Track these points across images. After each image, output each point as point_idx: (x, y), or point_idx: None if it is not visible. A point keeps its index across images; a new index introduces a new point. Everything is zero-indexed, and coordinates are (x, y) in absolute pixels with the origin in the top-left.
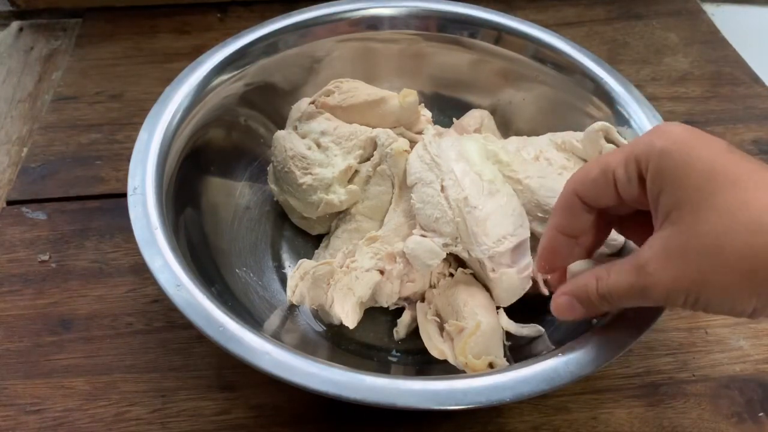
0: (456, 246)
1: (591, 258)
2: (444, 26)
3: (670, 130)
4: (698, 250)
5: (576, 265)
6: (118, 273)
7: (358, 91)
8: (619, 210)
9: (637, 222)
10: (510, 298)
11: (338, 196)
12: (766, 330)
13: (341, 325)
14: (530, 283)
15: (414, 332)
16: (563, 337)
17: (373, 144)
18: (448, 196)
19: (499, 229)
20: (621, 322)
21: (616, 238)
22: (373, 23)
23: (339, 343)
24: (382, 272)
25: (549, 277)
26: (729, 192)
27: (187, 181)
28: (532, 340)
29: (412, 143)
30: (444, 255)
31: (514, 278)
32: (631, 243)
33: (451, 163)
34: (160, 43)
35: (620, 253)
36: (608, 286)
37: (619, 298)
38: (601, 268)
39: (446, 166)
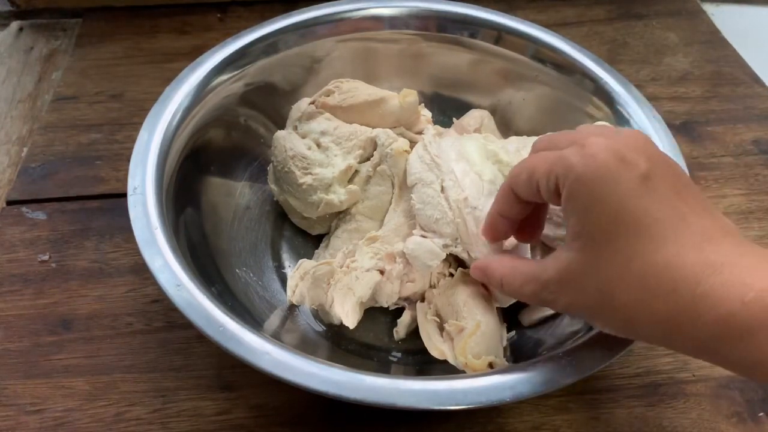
0: (456, 247)
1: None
2: (444, 26)
3: (593, 154)
4: (593, 288)
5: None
6: (118, 273)
7: (358, 91)
8: None
9: None
10: (509, 299)
11: (338, 196)
12: None
13: (341, 325)
14: None
15: (414, 332)
16: (563, 338)
17: (373, 144)
18: (448, 196)
19: None
20: None
21: None
22: (373, 23)
23: (339, 343)
24: (382, 272)
25: None
26: (628, 240)
27: (187, 181)
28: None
29: (412, 143)
30: (444, 256)
31: None
32: None
33: (451, 164)
34: (160, 43)
35: None
36: (512, 290)
37: (523, 299)
38: (509, 268)
39: (446, 167)
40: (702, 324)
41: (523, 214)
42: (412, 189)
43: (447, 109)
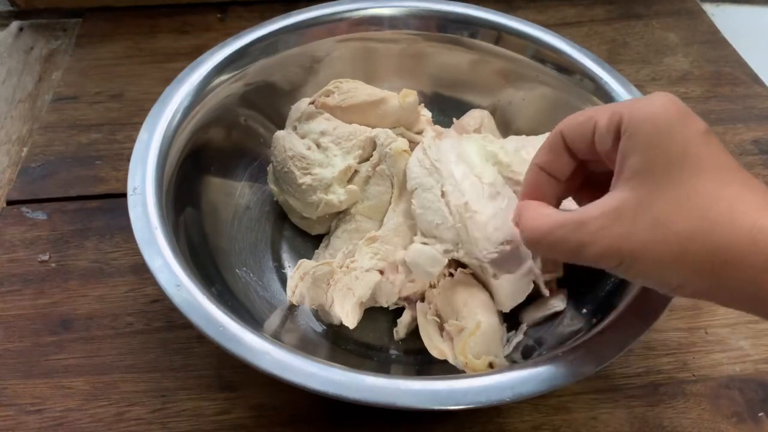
0: (457, 252)
1: None
2: (444, 26)
3: (661, 100)
4: (647, 222)
5: None
6: (118, 273)
7: (357, 91)
8: (594, 166)
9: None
10: (512, 303)
11: (338, 196)
12: (766, 330)
13: (341, 325)
14: (531, 287)
15: (414, 332)
16: (563, 338)
17: (373, 144)
18: (448, 201)
19: (500, 233)
20: (621, 322)
21: None
22: (373, 23)
23: (339, 343)
24: (381, 272)
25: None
26: (691, 175)
27: (187, 181)
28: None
29: (412, 143)
30: (445, 262)
31: (515, 283)
32: None
33: (451, 167)
34: (160, 43)
35: None
36: (540, 234)
37: (547, 247)
38: (540, 212)
39: (446, 171)
40: (757, 254)
41: (565, 172)
42: (412, 194)
43: (447, 109)
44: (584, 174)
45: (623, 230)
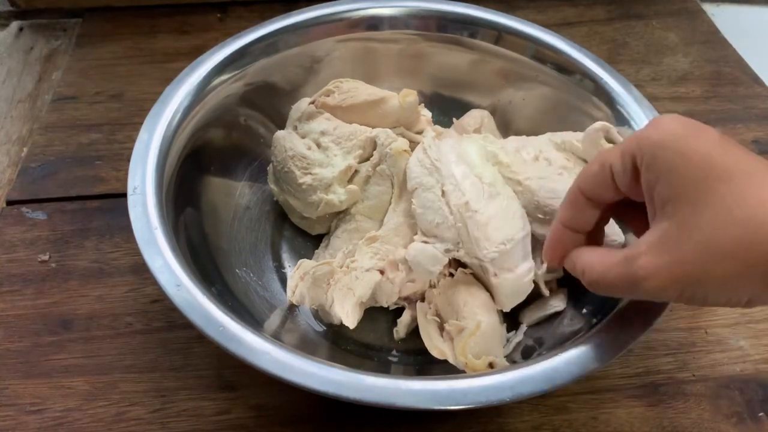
0: (458, 251)
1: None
2: (444, 26)
3: (665, 123)
4: (695, 244)
5: None
6: (118, 273)
7: (358, 91)
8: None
9: (636, 212)
10: (512, 303)
11: (338, 196)
12: (766, 330)
13: (341, 325)
14: (532, 287)
15: (414, 332)
16: (563, 338)
17: (373, 144)
18: (449, 201)
19: (500, 233)
20: (621, 322)
21: (615, 237)
22: (373, 23)
23: (339, 343)
24: (382, 272)
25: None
26: (725, 187)
27: (187, 181)
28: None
29: (412, 143)
30: (446, 261)
31: (516, 283)
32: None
33: (451, 167)
34: (160, 43)
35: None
36: (596, 276)
37: (606, 287)
38: (593, 255)
39: (446, 170)
40: None
41: (591, 223)
42: (412, 194)
43: (447, 109)
44: (611, 212)
45: (674, 259)
